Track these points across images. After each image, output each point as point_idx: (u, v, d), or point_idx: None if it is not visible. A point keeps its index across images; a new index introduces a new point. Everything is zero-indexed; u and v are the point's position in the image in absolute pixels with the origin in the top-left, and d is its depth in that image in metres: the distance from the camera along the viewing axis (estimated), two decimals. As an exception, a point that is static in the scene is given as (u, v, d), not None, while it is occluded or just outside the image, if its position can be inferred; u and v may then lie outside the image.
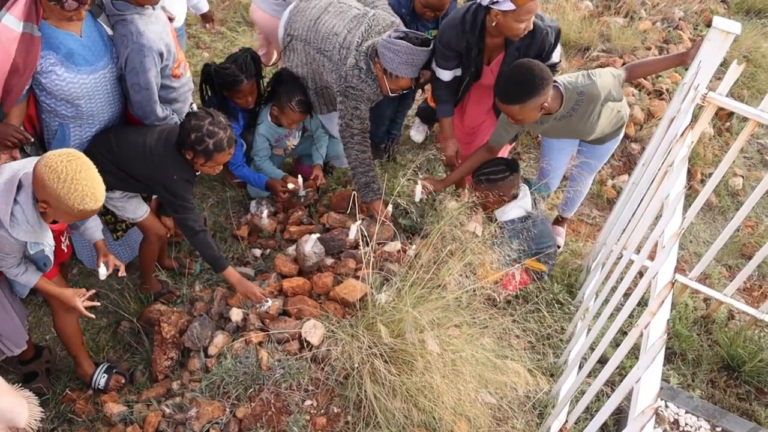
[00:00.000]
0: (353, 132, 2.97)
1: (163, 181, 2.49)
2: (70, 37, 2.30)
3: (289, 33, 3.11)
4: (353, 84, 2.86)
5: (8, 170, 2.03)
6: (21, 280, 2.20)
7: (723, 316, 3.34)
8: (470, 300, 2.49)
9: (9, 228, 1.96)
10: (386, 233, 2.97)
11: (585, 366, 2.25)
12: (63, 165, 1.88)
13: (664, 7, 5.75)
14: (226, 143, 2.47)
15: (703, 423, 2.71)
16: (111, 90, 2.51)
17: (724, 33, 2.30)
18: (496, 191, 2.90)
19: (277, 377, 2.33)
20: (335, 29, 2.93)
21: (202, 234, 2.55)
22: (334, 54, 2.91)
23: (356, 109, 2.92)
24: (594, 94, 2.64)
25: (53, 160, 1.90)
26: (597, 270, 3.10)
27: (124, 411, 2.42)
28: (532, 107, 2.53)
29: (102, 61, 2.40)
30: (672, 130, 2.54)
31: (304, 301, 2.63)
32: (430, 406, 2.19)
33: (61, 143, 2.49)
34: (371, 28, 2.89)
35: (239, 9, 5.20)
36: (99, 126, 2.55)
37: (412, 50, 2.67)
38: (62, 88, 2.33)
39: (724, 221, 4.11)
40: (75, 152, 1.97)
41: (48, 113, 2.44)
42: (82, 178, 1.90)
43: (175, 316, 2.69)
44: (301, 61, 3.12)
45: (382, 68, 2.78)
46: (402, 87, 2.87)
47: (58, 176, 1.87)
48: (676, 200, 1.98)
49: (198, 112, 2.49)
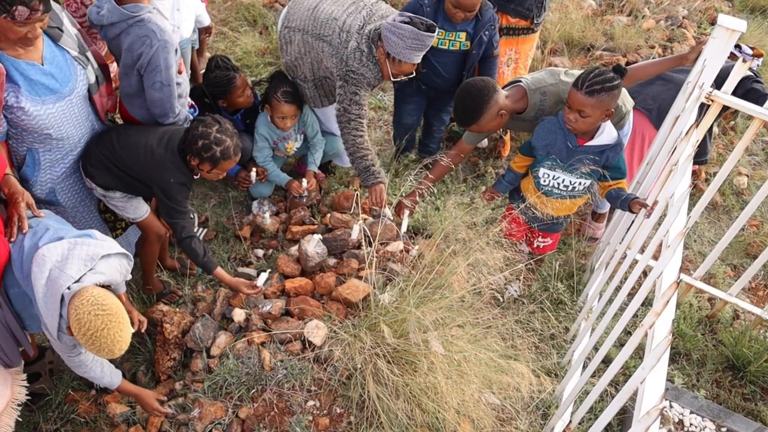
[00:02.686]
0: (350, 117, 2.96)
1: (161, 183, 2.50)
2: (31, 67, 2.16)
3: (287, 25, 3.10)
4: (354, 68, 2.85)
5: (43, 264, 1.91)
6: (104, 383, 2.19)
7: (728, 315, 3.32)
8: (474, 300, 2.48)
9: (58, 339, 1.95)
10: (389, 233, 2.96)
11: (589, 366, 2.23)
12: (89, 318, 1.79)
13: (668, 6, 5.73)
14: (233, 151, 2.47)
15: (708, 423, 2.69)
16: (79, 112, 2.40)
17: (730, 31, 2.29)
18: (607, 106, 2.43)
19: (279, 378, 2.32)
20: (334, 14, 2.93)
21: (188, 240, 2.57)
22: (334, 38, 2.90)
23: (355, 94, 2.91)
24: (555, 93, 2.70)
25: (82, 309, 1.80)
26: (601, 269, 3.09)
27: (126, 411, 2.42)
28: (488, 120, 2.66)
29: (68, 86, 2.29)
30: (677, 128, 2.53)
31: (306, 302, 2.63)
32: (434, 406, 2.19)
33: (33, 170, 2.38)
34: (373, 13, 2.90)
35: (241, 9, 5.19)
36: (70, 148, 2.46)
37: (417, 35, 2.65)
38: (29, 122, 2.21)
39: (729, 220, 4.08)
40: (108, 302, 1.84)
41: (14, 139, 2.32)
42: (103, 336, 1.81)
43: (177, 316, 2.68)
44: (299, 52, 3.10)
45: (385, 52, 2.78)
46: (404, 72, 2.87)
47: (80, 327, 1.81)
48: (681, 199, 1.96)
49: (205, 119, 2.48)
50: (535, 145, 2.65)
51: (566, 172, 2.62)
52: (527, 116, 2.77)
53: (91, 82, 2.43)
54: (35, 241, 2.00)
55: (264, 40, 4.92)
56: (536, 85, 2.70)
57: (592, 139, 2.56)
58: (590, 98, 2.38)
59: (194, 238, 2.59)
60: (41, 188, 2.46)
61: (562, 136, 2.58)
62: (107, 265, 1.99)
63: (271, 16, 5.20)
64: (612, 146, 2.57)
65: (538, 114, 2.74)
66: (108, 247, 2.01)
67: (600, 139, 2.56)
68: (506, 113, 2.69)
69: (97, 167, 2.50)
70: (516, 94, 2.72)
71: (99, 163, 2.50)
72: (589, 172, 2.55)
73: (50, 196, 2.50)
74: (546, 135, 2.63)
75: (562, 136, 2.58)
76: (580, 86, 2.40)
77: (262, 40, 4.94)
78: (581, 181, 2.65)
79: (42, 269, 1.88)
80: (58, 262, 1.90)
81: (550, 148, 2.61)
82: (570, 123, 2.49)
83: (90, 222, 2.74)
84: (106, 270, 1.98)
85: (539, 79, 2.74)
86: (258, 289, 2.58)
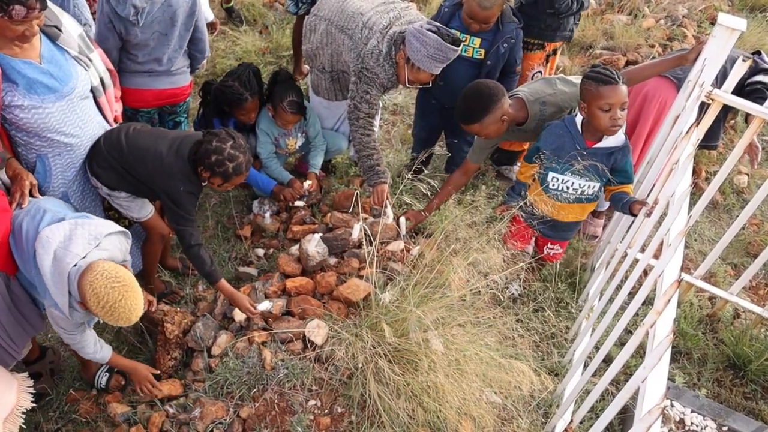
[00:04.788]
0: (359, 115, 2.96)
1: (169, 190, 2.49)
2: (28, 66, 2.15)
3: (315, 13, 3.11)
4: (369, 66, 2.84)
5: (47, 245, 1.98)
6: (96, 358, 2.29)
7: (728, 314, 3.33)
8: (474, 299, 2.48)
9: (69, 315, 2.03)
10: (390, 232, 2.96)
11: (590, 365, 2.24)
12: (106, 291, 1.87)
13: (668, 5, 5.73)
14: (245, 167, 2.48)
15: (709, 422, 2.69)
16: (83, 113, 2.39)
17: (730, 30, 2.29)
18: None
19: (280, 377, 2.32)
20: (361, 9, 2.91)
21: (196, 248, 2.55)
22: (355, 33, 2.89)
23: (366, 93, 2.91)
24: (554, 102, 2.73)
25: (98, 283, 1.88)
26: (601, 269, 3.09)
27: (127, 411, 2.42)
28: (491, 122, 2.66)
29: (67, 85, 2.27)
30: (677, 127, 2.53)
31: (307, 301, 2.63)
32: (435, 405, 2.18)
33: (44, 177, 2.38)
34: (401, 16, 2.87)
35: (242, 9, 5.19)
36: (80, 150, 2.47)
37: (441, 45, 2.62)
38: (28, 121, 2.21)
39: (729, 219, 4.08)
40: (121, 274, 1.92)
41: (22, 146, 2.32)
42: (120, 306, 1.90)
43: (178, 316, 2.68)
44: (321, 41, 3.08)
45: (406, 57, 2.76)
46: (421, 81, 2.85)
47: (98, 301, 1.88)
48: (681, 198, 1.96)
49: (219, 133, 2.46)
50: (544, 149, 2.65)
51: (575, 175, 2.62)
52: (528, 127, 2.79)
53: (95, 85, 2.42)
54: (35, 225, 2.07)
55: (264, 40, 4.92)
56: (534, 96, 2.72)
57: (600, 141, 2.57)
58: (627, 87, 2.42)
59: (201, 246, 2.57)
60: (54, 194, 2.45)
61: (570, 139, 2.58)
62: (109, 242, 2.09)
63: (271, 16, 5.20)
64: (620, 148, 2.57)
65: (539, 124, 2.76)
66: (109, 226, 2.10)
67: (608, 141, 2.56)
68: (507, 120, 2.70)
69: (103, 167, 2.50)
70: (516, 104, 2.73)
71: (105, 163, 2.49)
72: (598, 174, 2.56)
73: (63, 199, 2.50)
74: (554, 139, 2.62)
75: (570, 139, 2.58)
76: (617, 79, 2.37)
77: (262, 39, 4.94)
78: (590, 184, 2.65)
79: (47, 250, 1.97)
80: (61, 242, 1.98)
81: (559, 152, 2.61)
82: (617, 123, 2.43)
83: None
84: (110, 247, 2.08)
85: (537, 90, 2.75)
86: (257, 312, 2.56)
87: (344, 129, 3.51)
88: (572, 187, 2.67)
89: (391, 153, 4.13)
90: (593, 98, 2.42)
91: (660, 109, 3.38)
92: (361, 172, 3.12)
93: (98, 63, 2.45)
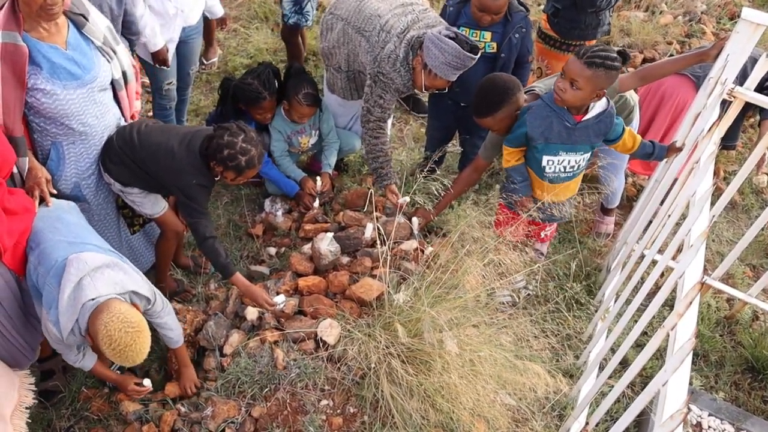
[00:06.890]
0: (371, 118, 2.95)
1: (182, 185, 2.49)
2: (53, 50, 2.19)
3: (332, 12, 3.08)
4: (385, 70, 2.80)
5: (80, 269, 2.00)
6: (80, 365, 2.27)
7: (747, 316, 3.27)
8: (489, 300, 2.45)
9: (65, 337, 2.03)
10: (403, 231, 2.93)
11: (606, 367, 2.20)
12: (119, 335, 1.89)
13: (686, 1, 5.64)
14: (257, 160, 2.47)
15: (726, 426, 2.64)
16: (101, 103, 2.41)
17: (754, 25, 2.23)
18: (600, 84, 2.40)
19: (292, 377, 2.31)
20: (379, 11, 2.87)
21: (211, 240, 2.54)
22: (372, 35, 2.86)
23: (380, 97, 2.88)
24: None
25: (112, 326, 1.89)
26: (617, 270, 3.04)
27: (139, 409, 2.42)
28: (504, 116, 2.60)
29: (90, 73, 2.30)
30: (697, 126, 2.48)
31: (319, 300, 2.61)
32: (448, 406, 2.16)
33: (57, 164, 2.41)
34: (419, 19, 2.82)
35: (252, 6, 5.18)
36: (94, 141, 2.48)
37: (459, 53, 2.58)
38: (49, 106, 2.23)
39: (748, 220, 4.01)
40: (135, 319, 1.94)
41: (38, 132, 2.34)
42: (130, 350, 1.91)
43: (190, 314, 2.68)
44: (337, 41, 3.06)
45: (423, 62, 2.72)
46: (437, 87, 2.81)
47: (110, 343, 1.89)
48: (703, 198, 1.92)
49: (231, 127, 2.46)
50: (532, 136, 2.56)
51: (570, 152, 2.58)
52: None
53: (116, 77, 2.45)
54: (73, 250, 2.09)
55: (276, 37, 4.91)
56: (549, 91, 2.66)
57: (588, 113, 2.51)
58: (587, 69, 2.32)
59: (216, 238, 2.57)
60: (66, 183, 2.48)
61: (557, 117, 2.51)
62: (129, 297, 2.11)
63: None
64: (605, 112, 2.51)
65: None
66: (138, 285, 2.12)
67: (595, 109, 2.51)
68: None
69: (115, 162, 2.51)
70: (531, 99, 2.67)
71: (117, 158, 2.50)
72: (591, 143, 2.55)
73: (75, 191, 2.52)
74: (540, 122, 2.53)
75: (557, 118, 2.51)
76: (581, 56, 2.35)
77: (274, 36, 4.92)
78: (584, 156, 2.62)
79: (78, 272, 1.99)
80: (92, 271, 2.01)
81: (548, 134, 2.53)
82: (559, 92, 2.41)
83: (110, 218, 2.75)
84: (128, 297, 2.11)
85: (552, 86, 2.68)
86: (274, 305, 2.54)
87: (357, 128, 3.49)
88: (569, 165, 2.62)
89: (404, 152, 4.09)
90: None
91: (678, 109, 3.33)
92: (370, 173, 3.12)
93: (123, 57, 2.48)
